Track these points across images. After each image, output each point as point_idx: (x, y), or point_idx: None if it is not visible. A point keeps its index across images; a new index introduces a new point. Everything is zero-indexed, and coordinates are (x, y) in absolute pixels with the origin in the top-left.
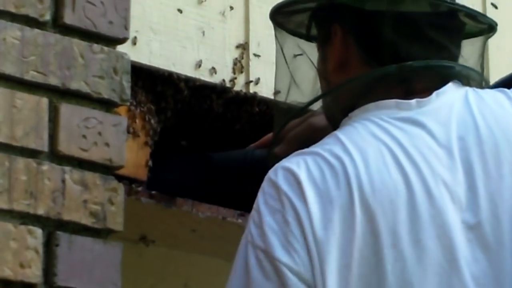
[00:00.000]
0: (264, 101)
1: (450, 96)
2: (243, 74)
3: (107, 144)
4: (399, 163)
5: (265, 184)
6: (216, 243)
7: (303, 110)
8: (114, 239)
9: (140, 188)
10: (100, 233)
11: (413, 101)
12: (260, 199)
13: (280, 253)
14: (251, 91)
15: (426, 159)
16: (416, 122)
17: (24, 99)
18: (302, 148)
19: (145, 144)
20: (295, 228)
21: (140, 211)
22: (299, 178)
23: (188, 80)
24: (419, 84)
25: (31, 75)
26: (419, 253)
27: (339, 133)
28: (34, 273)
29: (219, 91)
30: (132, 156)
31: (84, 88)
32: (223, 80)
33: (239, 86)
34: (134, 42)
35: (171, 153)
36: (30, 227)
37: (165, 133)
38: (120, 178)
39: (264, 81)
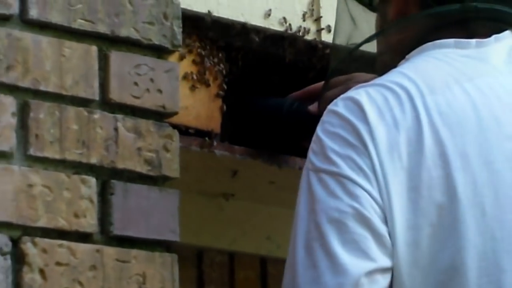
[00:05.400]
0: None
1: (509, 41)
2: (314, 22)
3: (159, 91)
4: (465, 89)
5: (324, 116)
6: (296, 195)
7: (353, 50)
8: (171, 187)
9: (214, 141)
10: (156, 180)
11: (473, 40)
12: (318, 129)
13: (345, 170)
14: (323, 39)
15: (492, 87)
16: (477, 58)
17: (72, 47)
18: None
19: (216, 95)
20: (359, 150)
21: (216, 164)
22: (361, 103)
23: (258, 30)
24: (478, 28)
25: (79, 24)
26: (490, 175)
27: (399, 68)
28: (89, 223)
29: (290, 40)
30: (204, 108)
31: (134, 35)
32: (294, 29)
33: (310, 35)
34: None
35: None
36: (84, 176)
37: (236, 84)
38: (193, 131)
39: None
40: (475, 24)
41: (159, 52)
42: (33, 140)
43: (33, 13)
